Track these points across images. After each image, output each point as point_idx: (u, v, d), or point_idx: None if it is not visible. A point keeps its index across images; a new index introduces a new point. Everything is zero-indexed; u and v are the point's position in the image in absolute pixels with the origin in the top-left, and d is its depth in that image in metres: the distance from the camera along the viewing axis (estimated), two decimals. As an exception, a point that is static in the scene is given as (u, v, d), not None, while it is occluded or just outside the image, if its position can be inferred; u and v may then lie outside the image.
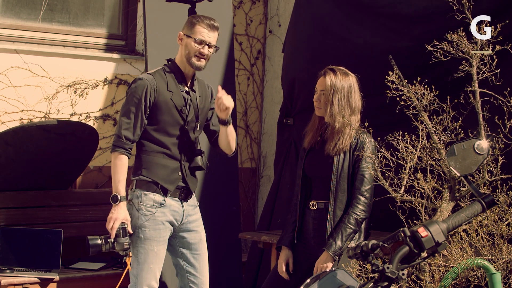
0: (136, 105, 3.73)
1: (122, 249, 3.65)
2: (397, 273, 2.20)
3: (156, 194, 3.77)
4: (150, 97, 3.74)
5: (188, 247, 3.93)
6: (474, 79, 3.14)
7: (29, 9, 5.79)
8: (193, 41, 3.79)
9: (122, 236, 3.65)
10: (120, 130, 3.74)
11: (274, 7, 6.76)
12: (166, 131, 3.80)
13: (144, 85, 3.74)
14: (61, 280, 4.78)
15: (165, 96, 3.78)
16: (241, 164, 6.61)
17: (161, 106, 3.77)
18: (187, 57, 3.81)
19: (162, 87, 3.79)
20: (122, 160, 3.73)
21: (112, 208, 3.68)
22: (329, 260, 3.60)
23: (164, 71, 3.85)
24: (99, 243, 3.64)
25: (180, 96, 3.82)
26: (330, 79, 3.72)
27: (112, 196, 3.69)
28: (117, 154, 3.74)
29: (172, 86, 3.82)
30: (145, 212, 3.75)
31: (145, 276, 3.76)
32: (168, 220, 3.81)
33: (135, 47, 6.15)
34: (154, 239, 3.76)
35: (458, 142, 2.60)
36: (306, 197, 3.84)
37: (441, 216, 3.08)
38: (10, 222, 5.02)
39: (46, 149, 5.00)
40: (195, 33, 3.80)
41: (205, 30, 3.80)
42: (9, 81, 5.55)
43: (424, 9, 4.57)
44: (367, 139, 3.67)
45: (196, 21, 3.82)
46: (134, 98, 3.74)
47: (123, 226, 3.66)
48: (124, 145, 3.73)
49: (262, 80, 6.83)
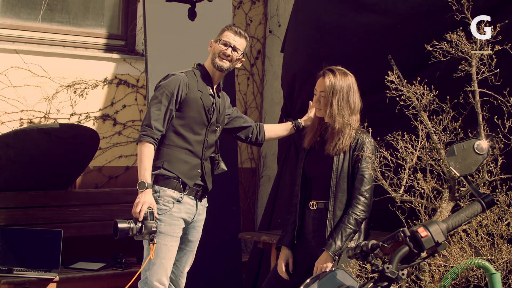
0: (168, 98, 3.82)
1: (149, 232, 3.61)
2: (397, 273, 2.20)
3: (175, 191, 3.82)
4: (182, 92, 3.84)
5: (185, 244, 3.99)
6: (473, 79, 3.14)
7: (29, 9, 5.79)
8: (219, 42, 3.94)
9: (149, 219, 3.63)
10: (150, 121, 3.79)
11: (274, 7, 6.76)
12: (191, 128, 3.89)
13: (177, 80, 3.86)
14: (61, 280, 4.79)
15: (195, 94, 3.89)
16: (241, 164, 6.61)
17: (190, 102, 3.87)
18: (212, 58, 3.96)
19: (193, 85, 3.90)
20: (149, 149, 3.76)
21: (139, 194, 3.69)
22: (329, 260, 3.60)
23: (193, 72, 3.97)
24: (127, 227, 3.58)
25: (208, 97, 3.94)
26: (329, 80, 3.73)
27: (140, 183, 3.69)
28: (145, 143, 3.76)
29: (202, 86, 3.94)
30: (162, 206, 3.79)
31: (157, 271, 3.79)
32: (182, 217, 3.87)
33: (135, 47, 6.16)
34: (168, 234, 3.81)
35: (458, 142, 2.60)
36: (306, 197, 3.84)
37: (440, 216, 3.08)
38: (10, 222, 5.02)
39: (46, 151, 5.01)
40: (222, 36, 3.97)
41: (231, 34, 3.96)
42: (9, 81, 5.55)
43: (419, 6, 4.57)
44: (366, 139, 3.67)
45: (225, 28, 4.02)
46: (167, 91, 3.83)
47: (151, 210, 3.65)
48: (153, 135, 3.77)
49: (262, 80, 6.84)
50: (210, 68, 3.99)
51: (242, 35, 3.99)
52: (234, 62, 3.97)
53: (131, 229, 3.59)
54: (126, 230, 3.58)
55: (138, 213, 3.63)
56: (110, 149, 5.96)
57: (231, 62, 3.95)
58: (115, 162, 5.96)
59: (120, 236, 3.58)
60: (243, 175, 6.63)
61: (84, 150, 5.21)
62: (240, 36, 3.97)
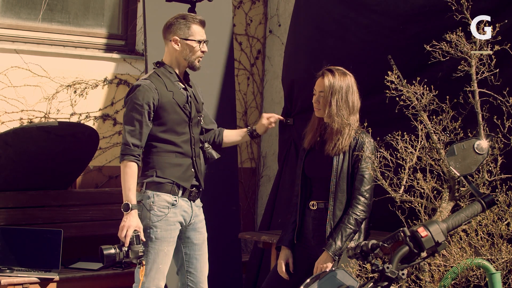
0: (138, 111, 3.71)
1: (136, 256, 3.58)
2: (397, 273, 2.20)
3: (169, 195, 3.77)
4: (154, 100, 3.74)
5: (191, 248, 3.94)
6: (473, 79, 3.14)
7: (29, 9, 5.79)
8: (195, 43, 3.83)
9: (136, 243, 3.58)
10: (126, 138, 3.70)
11: (274, 7, 6.76)
12: (174, 130, 3.81)
13: (144, 90, 3.73)
14: (61, 280, 4.78)
15: (167, 97, 3.79)
16: (241, 164, 6.61)
17: (166, 106, 3.78)
18: (189, 59, 3.84)
19: (162, 88, 3.79)
20: (132, 168, 3.68)
21: (123, 217, 3.63)
22: (329, 260, 3.61)
23: (156, 74, 3.85)
24: (113, 252, 3.54)
25: (180, 94, 3.85)
26: (328, 80, 3.73)
27: (124, 204, 3.63)
28: (126, 162, 3.68)
29: (170, 86, 3.83)
30: (158, 212, 3.74)
31: (154, 276, 3.77)
32: (178, 220, 3.82)
33: (135, 47, 6.16)
34: (165, 239, 3.77)
35: (458, 142, 2.60)
36: (306, 197, 3.84)
37: (440, 216, 3.08)
38: (10, 222, 5.02)
39: (46, 150, 5.00)
40: (194, 34, 3.84)
41: (201, 28, 3.86)
42: (9, 81, 5.55)
43: (420, 7, 4.57)
44: (366, 139, 3.67)
45: (189, 22, 3.86)
46: (136, 104, 3.72)
47: (136, 233, 3.60)
48: (133, 152, 3.69)
49: (262, 80, 6.84)
50: (175, 64, 3.87)
51: (204, 23, 3.89)
52: None
53: (117, 255, 3.55)
54: (112, 256, 3.55)
55: (124, 238, 3.58)
56: (110, 149, 5.96)
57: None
58: (115, 162, 5.95)
59: (107, 262, 3.55)
60: (243, 175, 6.63)
61: (83, 148, 5.20)
62: (205, 25, 3.88)
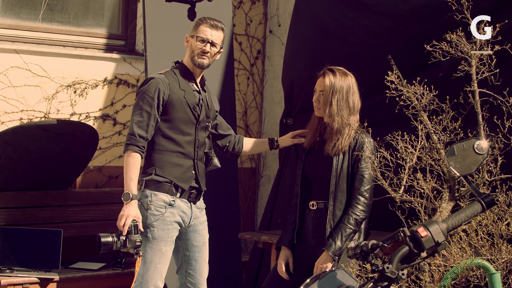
0: (149, 104, 3.73)
1: (134, 246, 3.58)
2: (397, 273, 2.20)
3: (167, 195, 3.77)
4: (164, 95, 3.76)
5: (191, 249, 3.94)
6: (473, 79, 3.14)
7: (29, 9, 5.79)
8: (196, 40, 3.86)
9: (134, 233, 3.59)
10: (132, 129, 3.72)
11: (274, 7, 6.76)
12: (180, 129, 3.82)
13: (156, 83, 3.77)
14: (61, 280, 4.78)
15: (178, 94, 3.81)
16: (241, 164, 6.61)
17: (174, 103, 3.79)
18: (191, 56, 3.87)
19: (175, 85, 3.82)
20: (135, 158, 3.69)
21: (123, 206, 3.63)
22: (328, 260, 3.61)
23: (173, 71, 3.89)
24: (110, 241, 3.55)
25: (192, 94, 3.87)
26: (329, 79, 3.73)
27: (124, 194, 3.63)
28: (130, 152, 3.69)
29: (184, 85, 3.86)
30: (155, 212, 3.75)
31: (152, 275, 3.77)
32: (176, 220, 3.81)
33: (135, 47, 6.16)
34: (162, 239, 3.76)
35: (458, 142, 2.60)
36: (306, 197, 3.84)
37: (440, 216, 3.08)
38: (10, 222, 5.02)
39: (46, 149, 5.00)
40: (198, 32, 3.88)
41: (207, 29, 3.86)
42: (9, 81, 5.55)
43: (420, 7, 4.57)
44: (366, 139, 3.67)
45: (200, 22, 3.91)
46: (147, 96, 3.74)
47: (135, 223, 3.60)
48: (138, 143, 3.70)
49: (262, 80, 6.83)
50: (189, 65, 3.90)
51: (219, 28, 3.89)
52: (214, 57, 3.90)
53: (115, 243, 3.55)
54: (109, 244, 3.54)
55: (122, 227, 3.59)
56: (110, 149, 5.96)
57: (210, 58, 3.88)
58: (115, 162, 5.96)
59: (103, 250, 3.55)
60: (243, 175, 6.63)
61: (83, 147, 5.20)
62: (216, 29, 3.88)
